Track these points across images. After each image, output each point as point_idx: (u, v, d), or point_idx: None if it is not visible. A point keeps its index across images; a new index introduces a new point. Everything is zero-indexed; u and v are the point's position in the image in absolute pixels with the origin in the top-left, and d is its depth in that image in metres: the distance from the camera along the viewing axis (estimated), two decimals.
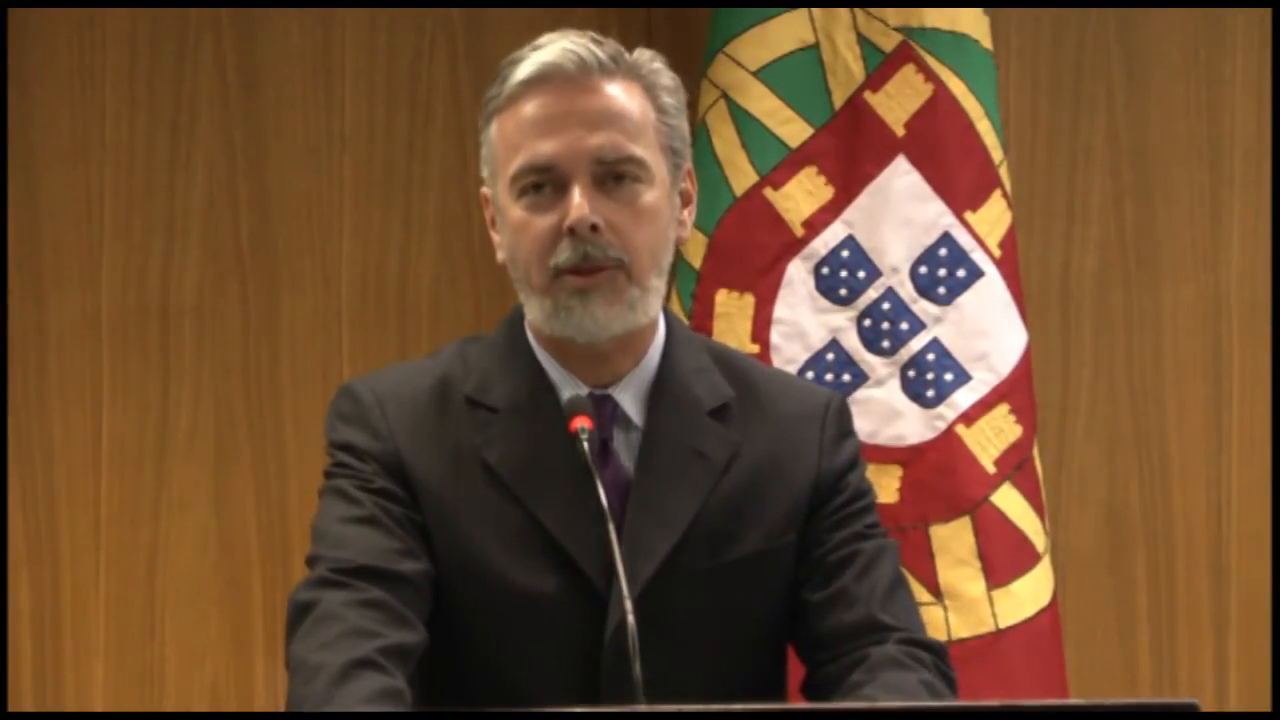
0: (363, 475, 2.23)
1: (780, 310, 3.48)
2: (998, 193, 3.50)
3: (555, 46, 2.23)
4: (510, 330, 2.32)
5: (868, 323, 3.47)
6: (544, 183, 2.21)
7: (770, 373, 2.52)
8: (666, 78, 2.28)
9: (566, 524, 2.20)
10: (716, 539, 2.25)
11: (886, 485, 3.39)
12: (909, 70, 3.47)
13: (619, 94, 2.23)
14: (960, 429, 3.45)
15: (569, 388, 2.26)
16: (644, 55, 2.28)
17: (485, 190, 2.32)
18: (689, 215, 2.33)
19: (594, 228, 2.19)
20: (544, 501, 2.22)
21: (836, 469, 2.33)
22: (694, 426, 2.28)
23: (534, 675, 2.21)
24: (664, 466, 2.25)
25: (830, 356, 3.47)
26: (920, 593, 3.32)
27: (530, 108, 2.22)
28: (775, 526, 2.28)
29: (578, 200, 2.19)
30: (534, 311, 2.25)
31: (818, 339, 3.48)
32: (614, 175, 2.21)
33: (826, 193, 3.48)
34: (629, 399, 2.28)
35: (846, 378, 3.46)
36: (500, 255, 2.30)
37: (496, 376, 2.28)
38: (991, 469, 3.45)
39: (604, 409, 2.26)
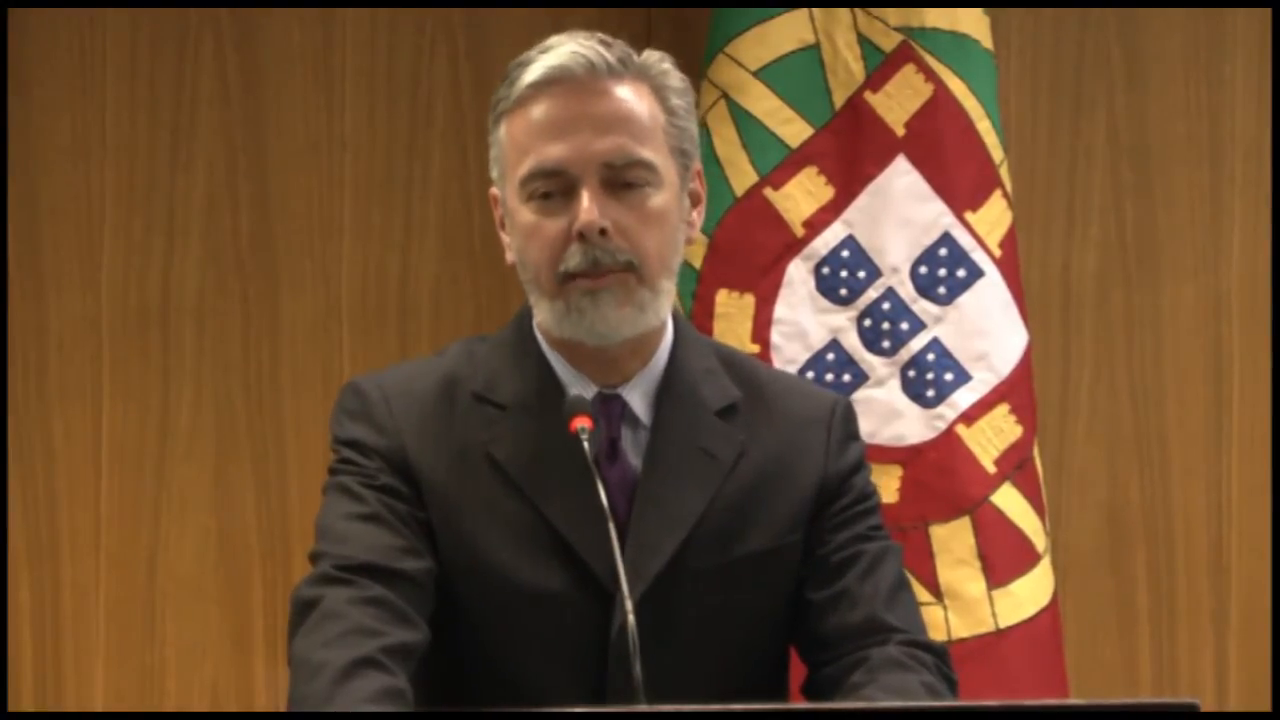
0: (367, 472, 2.23)
1: (780, 310, 3.48)
2: (998, 193, 3.50)
3: (564, 49, 2.22)
4: (519, 329, 2.32)
5: (868, 323, 3.47)
6: (553, 187, 2.21)
7: (776, 375, 2.53)
8: (675, 79, 2.28)
9: (574, 521, 2.20)
10: (723, 537, 2.26)
11: (886, 485, 3.39)
12: (909, 70, 3.47)
13: (628, 96, 2.22)
14: (960, 429, 3.45)
15: (577, 387, 2.26)
16: (653, 56, 2.27)
17: (494, 191, 2.32)
18: (698, 216, 2.33)
19: (603, 232, 2.18)
20: (551, 498, 2.22)
21: (842, 471, 2.33)
22: (701, 426, 2.28)
23: (539, 672, 2.22)
24: (671, 465, 2.25)
25: (830, 356, 3.47)
26: (920, 593, 3.32)
27: (538, 111, 2.21)
28: (781, 526, 2.29)
29: (586, 204, 2.18)
30: (544, 313, 2.25)
31: (818, 339, 3.48)
32: (623, 179, 2.21)
33: (827, 193, 3.48)
34: (637, 398, 2.28)
35: (846, 378, 3.46)
36: (510, 256, 2.30)
37: (505, 374, 2.29)
38: (991, 469, 3.45)
39: (612, 408, 2.27)
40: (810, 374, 3.44)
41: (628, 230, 2.20)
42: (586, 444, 2.16)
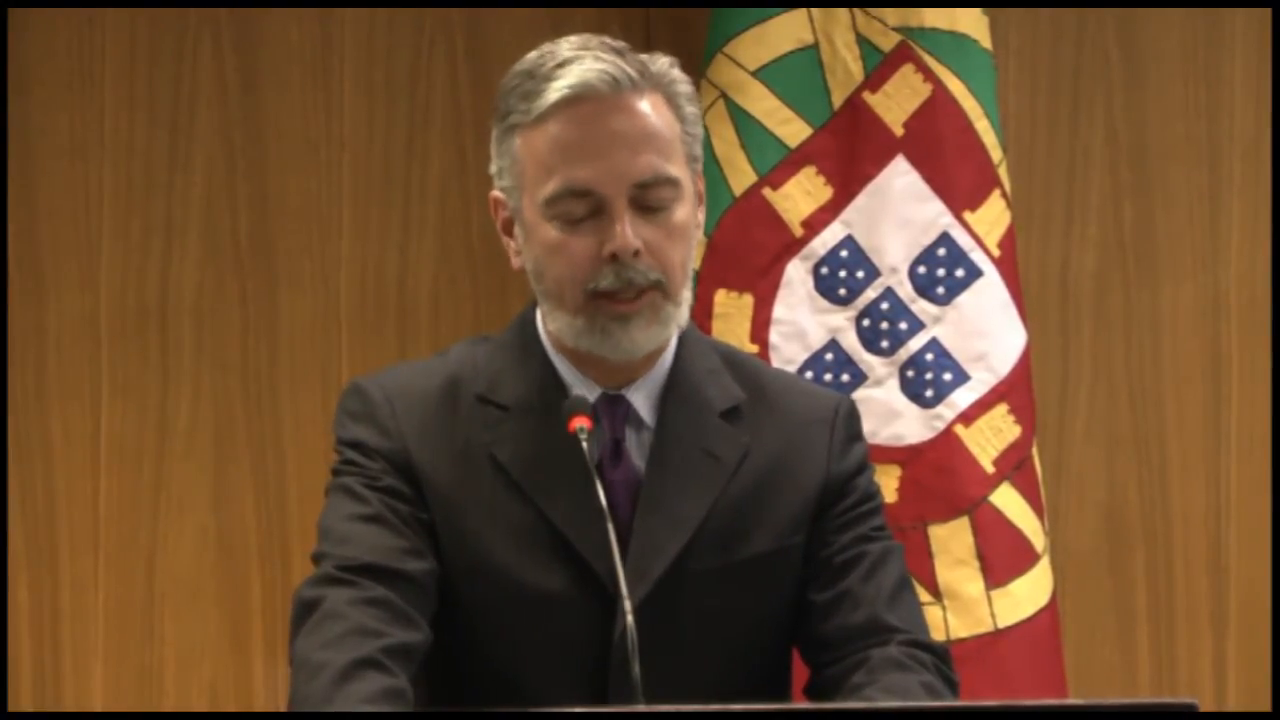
0: (370, 473, 2.23)
1: (779, 310, 3.48)
2: (997, 193, 3.50)
3: (583, 65, 2.19)
4: (521, 330, 2.32)
5: (866, 323, 3.47)
6: (581, 206, 2.20)
7: (779, 375, 2.53)
8: (684, 85, 2.27)
9: (576, 522, 2.20)
10: (726, 539, 2.25)
11: (885, 485, 3.39)
12: (908, 70, 3.47)
13: (650, 112, 2.21)
14: (959, 429, 3.45)
15: (581, 388, 2.26)
16: (663, 63, 2.25)
17: (496, 194, 2.30)
18: (700, 214, 2.33)
19: (635, 253, 2.19)
20: (554, 499, 2.22)
21: (845, 472, 2.33)
22: (705, 427, 2.28)
23: (541, 673, 2.21)
24: (675, 466, 2.25)
25: (829, 356, 3.47)
26: (919, 593, 3.30)
27: (564, 129, 2.19)
28: (784, 527, 2.29)
29: (620, 228, 2.18)
30: (561, 325, 2.24)
31: (817, 339, 3.48)
32: (651, 196, 2.20)
33: (825, 193, 3.48)
34: (641, 399, 2.28)
35: (845, 378, 3.46)
36: (517, 261, 2.29)
37: (508, 375, 2.28)
38: (990, 469, 3.45)
39: (617, 409, 2.27)
40: (809, 374, 3.44)
41: (656, 248, 2.20)
42: (585, 444, 2.16)
